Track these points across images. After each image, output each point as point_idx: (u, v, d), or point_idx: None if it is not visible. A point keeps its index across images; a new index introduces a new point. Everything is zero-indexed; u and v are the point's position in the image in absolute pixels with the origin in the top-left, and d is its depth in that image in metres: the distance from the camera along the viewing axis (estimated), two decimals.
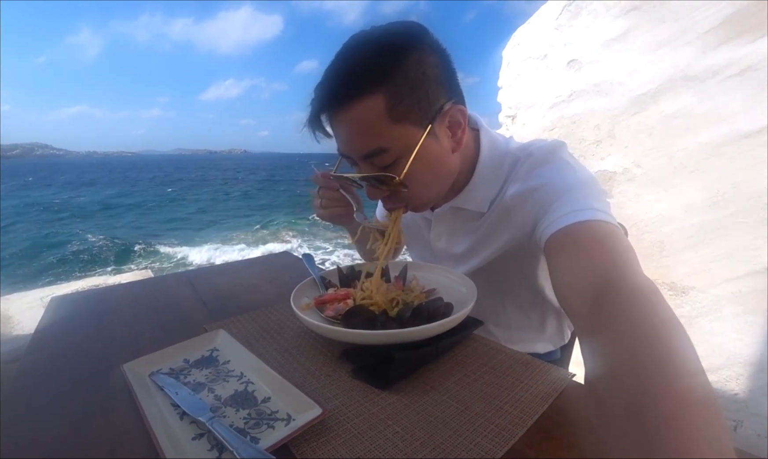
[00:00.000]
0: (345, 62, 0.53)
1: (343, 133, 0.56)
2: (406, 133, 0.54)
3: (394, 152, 0.54)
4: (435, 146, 0.56)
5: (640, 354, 0.30)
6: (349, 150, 0.57)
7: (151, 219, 17.06)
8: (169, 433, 0.40)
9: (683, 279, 1.32)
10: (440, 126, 0.56)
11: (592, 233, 0.47)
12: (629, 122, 1.43)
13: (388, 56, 0.51)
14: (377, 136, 0.53)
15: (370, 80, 0.51)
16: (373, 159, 0.55)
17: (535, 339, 0.80)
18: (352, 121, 0.53)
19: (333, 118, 0.56)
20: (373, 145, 0.54)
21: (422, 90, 0.53)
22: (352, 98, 0.52)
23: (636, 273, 0.40)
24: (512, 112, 1.93)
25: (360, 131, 0.54)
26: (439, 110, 0.55)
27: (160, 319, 0.73)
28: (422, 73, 0.52)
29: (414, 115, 0.53)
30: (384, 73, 0.51)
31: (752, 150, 1.13)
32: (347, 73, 0.52)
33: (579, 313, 0.41)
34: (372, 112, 0.52)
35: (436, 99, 0.54)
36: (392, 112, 0.52)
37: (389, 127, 0.53)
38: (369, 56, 0.52)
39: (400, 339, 0.50)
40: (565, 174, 0.57)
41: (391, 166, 0.55)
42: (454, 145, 0.59)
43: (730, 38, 1.17)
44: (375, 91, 0.51)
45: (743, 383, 1.21)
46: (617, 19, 1.44)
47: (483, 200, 0.66)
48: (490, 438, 0.39)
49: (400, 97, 0.52)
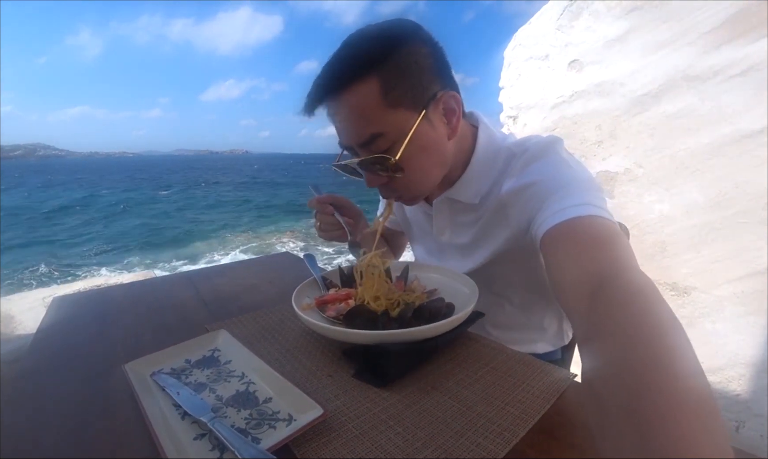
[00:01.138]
0: (340, 54, 0.56)
1: (340, 120, 0.58)
2: (401, 118, 0.55)
3: (390, 137, 0.56)
4: (430, 131, 0.58)
5: (637, 352, 0.30)
6: (347, 138, 0.59)
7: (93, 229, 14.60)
8: (171, 433, 0.40)
9: (685, 279, 1.31)
10: (435, 112, 0.58)
11: (588, 229, 0.47)
12: (631, 123, 1.43)
13: (381, 45, 0.54)
14: (373, 120, 0.55)
15: (365, 66, 0.53)
16: (370, 145, 0.57)
17: (536, 339, 0.80)
18: (349, 106, 0.55)
19: (331, 107, 0.58)
20: (370, 130, 0.56)
21: (416, 77, 0.55)
22: (348, 84, 0.54)
23: (632, 269, 0.40)
24: (513, 112, 1.93)
25: (356, 116, 0.56)
26: (432, 96, 0.57)
27: (161, 319, 0.74)
28: (415, 62, 0.55)
29: (408, 100, 0.55)
30: (378, 60, 0.53)
31: (754, 150, 1.13)
32: (342, 62, 0.55)
33: (576, 310, 0.41)
34: (367, 97, 0.54)
35: (429, 85, 0.56)
36: (387, 97, 0.54)
37: (384, 111, 0.54)
38: (363, 46, 0.55)
39: (401, 339, 0.50)
40: (561, 169, 0.57)
41: (387, 152, 0.57)
42: (450, 132, 0.60)
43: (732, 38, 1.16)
44: (369, 77, 0.53)
45: (745, 384, 1.20)
46: (618, 19, 1.44)
47: (475, 192, 0.67)
48: (491, 438, 0.39)
49: (394, 83, 0.53)
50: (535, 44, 1.78)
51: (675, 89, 1.29)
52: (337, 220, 0.74)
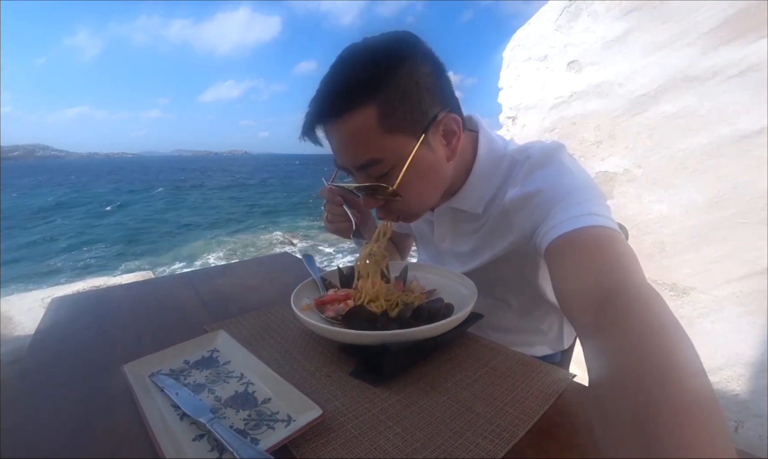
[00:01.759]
0: (338, 75, 0.54)
1: (337, 144, 0.57)
2: (400, 144, 0.54)
3: (388, 162, 0.55)
4: (429, 155, 0.57)
5: (644, 361, 0.30)
6: (343, 161, 0.58)
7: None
8: (170, 434, 0.40)
9: (684, 280, 1.31)
10: (434, 135, 0.57)
11: (593, 239, 0.47)
12: (630, 123, 1.43)
13: (379, 68, 0.52)
14: (370, 147, 0.54)
15: (362, 92, 0.51)
16: (368, 169, 0.56)
17: (535, 342, 0.80)
18: (346, 132, 0.54)
19: (327, 129, 0.56)
20: (367, 155, 0.55)
21: (414, 100, 0.53)
22: (345, 110, 0.52)
23: (638, 278, 0.40)
24: (512, 113, 1.93)
25: (353, 142, 0.54)
26: (432, 119, 0.55)
27: (160, 319, 0.73)
28: (414, 83, 0.53)
29: (407, 125, 0.54)
30: (376, 85, 0.51)
31: (753, 150, 1.13)
32: (340, 86, 0.53)
33: (582, 319, 0.41)
34: (365, 124, 0.52)
35: (429, 108, 0.55)
36: (385, 122, 0.52)
37: (382, 137, 0.53)
38: (361, 69, 0.52)
39: (400, 339, 0.50)
40: (564, 177, 0.57)
41: (385, 176, 0.56)
42: (449, 154, 0.59)
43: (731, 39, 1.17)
44: (367, 103, 0.51)
45: (744, 384, 1.21)
46: (617, 20, 1.44)
47: (478, 201, 0.66)
48: (490, 439, 0.39)
49: (393, 108, 0.52)
50: (534, 45, 1.78)
51: (674, 90, 1.30)
52: (345, 211, 0.72)
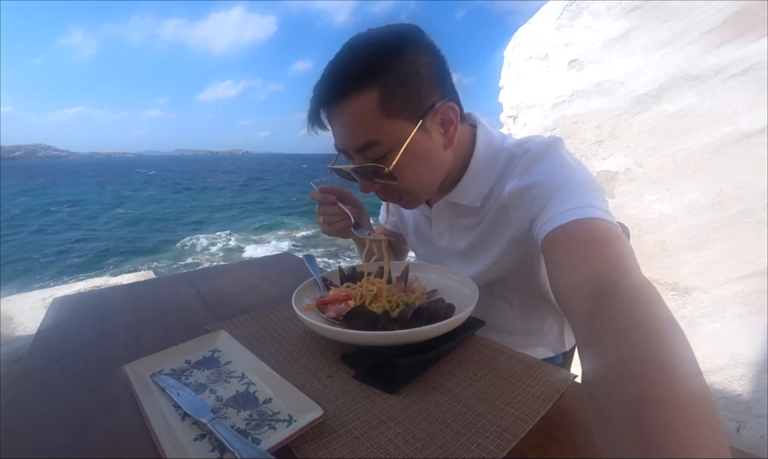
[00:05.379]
0: (342, 61, 0.56)
1: (338, 126, 0.59)
2: (398, 127, 0.56)
3: (386, 145, 0.56)
4: (426, 141, 0.58)
5: (638, 357, 0.30)
6: (344, 143, 0.60)
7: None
8: (171, 434, 0.40)
9: (685, 279, 1.31)
10: (432, 122, 0.58)
11: (590, 232, 0.47)
12: (631, 122, 1.43)
13: (382, 54, 0.54)
14: (370, 129, 0.56)
15: (365, 77, 0.54)
16: (366, 152, 0.58)
17: (536, 344, 0.79)
18: (347, 114, 0.56)
19: (330, 112, 0.59)
20: (366, 137, 0.56)
21: (414, 87, 0.55)
22: (348, 93, 0.54)
23: (634, 273, 0.40)
24: (513, 112, 1.93)
25: (354, 124, 0.56)
26: (430, 107, 0.57)
27: (161, 319, 0.73)
28: (415, 72, 0.55)
29: (406, 110, 0.55)
30: (378, 70, 0.54)
31: (754, 149, 1.13)
32: (344, 71, 0.55)
33: (577, 313, 0.41)
34: (366, 107, 0.54)
35: (427, 96, 0.57)
36: (385, 106, 0.54)
37: (382, 120, 0.55)
38: (365, 54, 0.55)
39: (401, 340, 0.50)
40: (562, 170, 0.57)
41: (383, 159, 0.57)
42: (446, 142, 0.61)
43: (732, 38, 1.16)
44: (369, 87, 0.54)
45: (746, 384, 1.20)
46: (619, 19, 1.44)
47: (476, 195, 0.67)
48: (491, 439, 0.39)
49: (393, 93, 0.54)
50: (535, 44, 1.78)
51: (675, 89, 1.29)
52: (341, 209, 0.72)
